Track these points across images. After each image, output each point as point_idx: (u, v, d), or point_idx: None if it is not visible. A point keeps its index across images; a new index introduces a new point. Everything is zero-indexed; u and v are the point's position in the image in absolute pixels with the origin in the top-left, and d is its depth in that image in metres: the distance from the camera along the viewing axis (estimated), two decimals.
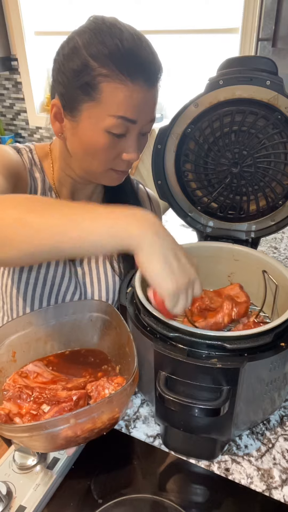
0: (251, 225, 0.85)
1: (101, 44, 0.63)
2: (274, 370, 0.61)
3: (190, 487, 0.66)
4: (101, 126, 0.67)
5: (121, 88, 0.64)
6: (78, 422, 0.52)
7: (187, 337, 0.60)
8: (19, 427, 0.54)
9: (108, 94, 0.64)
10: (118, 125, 0.67)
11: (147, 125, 0.71)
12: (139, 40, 0.65)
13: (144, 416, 0.77)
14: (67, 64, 0.67)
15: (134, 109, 0.66)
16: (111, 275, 0.87)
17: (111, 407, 0.55)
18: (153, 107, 0.71)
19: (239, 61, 0.72)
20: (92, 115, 0.67)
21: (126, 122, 0.67)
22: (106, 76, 0.63)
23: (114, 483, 0.65)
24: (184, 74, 1.94)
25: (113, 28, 0.64)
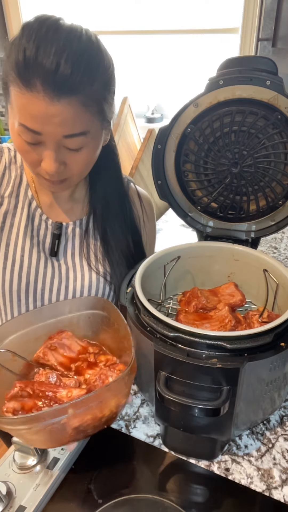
0: (251, 225, 0.85)
1: (18, 45, 0.60)
2: (274, 370, 0.61)
3: (190, 487, 0.66)
4: (14, 129, 0.66)
5: (20, 96, 0.61)
6: (76, 412, 0.52)
7: (187, 337, 0.60)
8: (18, 419, 0.54)
9: (13, 99, 0.63)
10: (23, 132, 0.64)
11: (66, 140, 0.64)
12: (49, 50, 0.58)
13: (144, 416, 0.77)
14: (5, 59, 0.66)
15: (33, 119, 0.62)
16: (94, 273, 0.87)
17: (110, 396, 0.55)
18: (64, 123, 0.62)
19: (239, 61, 0.72)
20: (10, 116, 0.67)
21: (29, 131, 0.63)
22: (12, 81, 0.62)
23: (114, 483, 0.65)
24: (184, 74, 1.94)
25: (31, 32, 0.60)
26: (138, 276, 0.73)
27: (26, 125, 0.63)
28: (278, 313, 0.76)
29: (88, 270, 0.87)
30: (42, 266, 0.84)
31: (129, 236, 0.89)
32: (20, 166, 0.84)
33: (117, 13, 1.90)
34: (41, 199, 0.85)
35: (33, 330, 0.72)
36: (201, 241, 0.89)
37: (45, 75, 0.58)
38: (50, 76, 0.58)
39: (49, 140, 0.64)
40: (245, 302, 0.81)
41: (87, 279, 0.86)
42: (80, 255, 0.87)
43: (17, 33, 0.62)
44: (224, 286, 0.83)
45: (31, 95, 0.60)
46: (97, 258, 0.87)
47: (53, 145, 0.65)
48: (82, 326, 0.75)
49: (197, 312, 0.77)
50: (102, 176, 0.86)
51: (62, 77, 0.58)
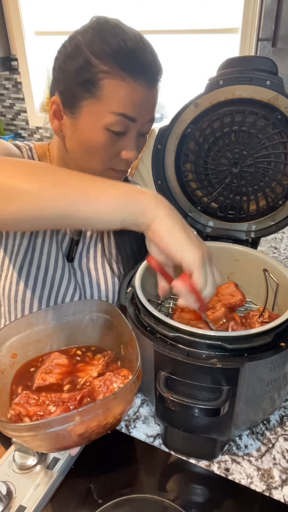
0: (251, 225, 0.85)
1: (103, 42, 0.64)
2: (274, 370, 0.61)
3: (190, 487, 0.66)
4: (101, 123, 0.67)
5: (122, 85, 0.65)
6: (83, 419, 0.51)
7: (187, 337, 0.60)
8: (24, 426, 0.54)
9: (109, 91, 0.65)
10: (118, 122, 0.67)
11: (146, 125, 0.72)
12: (141, 41, 0.67)
13: (144, 416, 0.77)
14: (68, 62, 0.68)
15: (134, 107, 0.67)
16: (110, 276, 0.87)
17: (117, 403, 0.55)
18: (153, 107, 0.72)
19: (239, 61, 0.72)
20: (92, 112, 0.67)
21: (126, 119, 0.68)
22: (108, 73, 0.64)
23: (114, 483, 0.65)
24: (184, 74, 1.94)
25: (116, 28, 0.66)
26: (138, 276, 0.73)
27: (126, 113, 0.67)
28: (278, 313, 0.76)
29: (103, 274, 0.87)
30: (60, 272, 0.83)
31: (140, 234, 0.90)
32: None
33: (117, 13, 1.90)
34: None
35: (36, 332, 0.72)
36: None
37: (147, 67, 0.67)
38: (150, 68, 0.67)
39: (136, 127, 0.70)
40: (245, 302, 0.81)
41: (103, 283, 0.86)
42: (95, 259, 0.87)
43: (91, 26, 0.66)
44: (224, 285, 0.83)
45: (135, 84, 0.66)
46: (112, 257, 0.87)
47: (136, 133, 0.71)
48: (86, 328, 0.75)
49: (195, 312, 0.77)
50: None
51: (156, 69, 0.69)
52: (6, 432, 0.53)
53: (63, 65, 0.69)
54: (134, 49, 0.65)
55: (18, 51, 2.49)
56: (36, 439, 0.53)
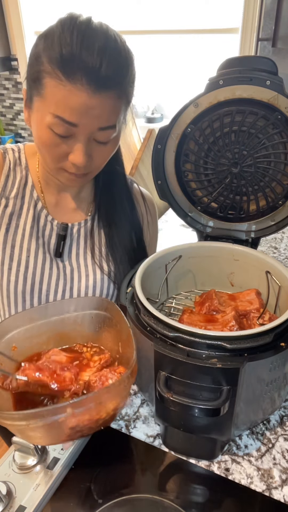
0: (251, 225, 0.85)
1: (54, 40, 0.63)
2: (274, 370, 0.61)
3: (190, 487, 0.66)
4: (44, 122, 0.66)
5: (59, 88, 0.63)
6: (75, 412, 0.52)
7: (187, 337, 0.60)
8: (17, 415, 0.54)
9: (49, 91, 0.64)
10: (57, 124, 0.65)
11: (98, 133, 0.68)
12: (92, 40, 0.62)
13: (144, 416, 0.77)
14: (31, 54, 0.68)
15: (73, 111, 0.64)
16: (99, 272, 0.87)
17: (109, 397, 0.55)
18: (102, 114, 0.66)
19: (239, 61, 0.72)
20: (39, 109, 0.67)
21: (65, 123, 0.65)
22: (49, 73, 0.63)
23: (114, 483, 0.65)
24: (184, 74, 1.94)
25: (71, 27, 0.63)
26: (138, 276, 0.73)
27: (64, 117, 0.64)
28: (280, 315, 0.76)
29: (92, 270, 0.87)
30: (48, 267, 0.84)
31: (132, 232, 0.90)
32: (25, 167, 0.84)
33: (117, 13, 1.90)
34: (47, 200, 0.85)
35: (37, 326, 0.72)
36: (201, 241, 0.89)
37: (89, 70, 0.61)
38: (93, 72, 0.62)
39: (83, 133, 0.66)
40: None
41: (92, 279, 0.86)
42: (84, 255, 0.87)
43: (53, 27, 0.65)
44: (246, 292, 0.82)
45: (73, 87, 0.62)
46: (101, 255, 0.87)
47: (85, 138, 0.67)
48: (85, 325, 0.75)
49: (208, 314, 0.77)
50: (108, 174, 0.86)
51: (104, 73, 0.62)
52: (1, 421, 0.53)
53: (29, 57, 0.69)
54: (78, 52, 0.61)
55: (18, 51, 2.49)
56: (29, 429, 0.53)
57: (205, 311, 0.78)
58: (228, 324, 0.70)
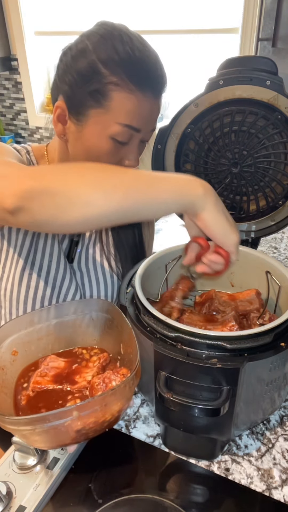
0: (251, 225, 0.85)
1: (112, 50, 0.64)
2: (274, 370, 0.61)
3: (190, 487, 0.66)
4: (106, 132, 0.68)
5: (131, 98, 0.66)
6: (81, 415, 0.52)
7: (187, 337, 0.60)
8: (22, 420, 0.54)
9: (117, 103, 0.66)
10: (123, 132, 0.68)
11: (148, 134, 0.74)
12: (148, 51, 0.67)
13: (144, 416, 0.77)
14: (75, 65, 0.67)
15: (140, 118, 0.68)
16: (109, 275, 0.88)
17: (115, 400, 0.55)
18: (156, 117, 0.73)
19: (239, 61, 0.72)
20: (99, 121, 0.68)
21: (131, 130, 0.69)
22: (117, 84, 0.65)
23: (114, 483, 0.65)
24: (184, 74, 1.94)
25: (124, 36, 0.65)
26: (138, 276, 0.73)
27: (132, 125, 0.68)
28: (281, 315, 0.76)
29: (101, 273, 0.87)
30: (62, 273, 0.84)
31: (135, 230, 0.92)
32: None
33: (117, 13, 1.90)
34: None
35: (37, 330, 0.72)
36: None
37: (155, 79, 0.67)
38: (157, 80, 0.68)
39: (140, 136, 0.71)
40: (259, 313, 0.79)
41: (102, 282, 0.87)
42: (93, 259, 0.87)
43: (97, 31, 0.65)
44: (246, 292, 0.82)
45: (143, 96, 0.66)
46: (110, 255, 0.88)
47: (138, 141, 0.72)
48: (86, 327, 0.75)
49: (208, 314, 0.77)
50: None
51: (163, 80, 0.69)
52: (5, 426, 0.53)
53: (69, 68, 0.68)
54: (141, 59, 0.65)
55: (18, 51, 2.49)
56: (34, 434, 0.53)
57: (205, 311, 0.78)
58: (228, 324, 0.70)
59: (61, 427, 0.52)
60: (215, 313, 0.77)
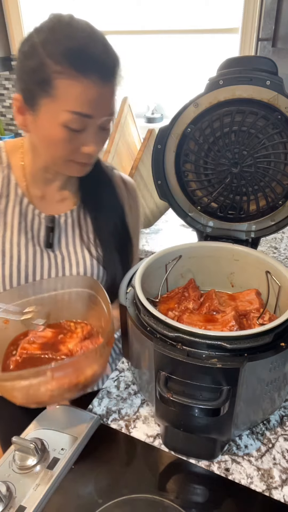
0: (251, 225, 0.85)
1: (56, 41, 0.66)
2: (274, 370, 0.61)
3: (190, 487, 0.66)
4: (57, 120, 0.69)
5: (75, 85, 0.66)
6: (55, 375, 0.57)
7: (187, 337, 0.60)
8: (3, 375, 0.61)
9: (62, 90, 0.67)
10: (74, 120, 0.69)
11: (105, 120, 0.73)
12: (92, 37, 0.67)
13: (144, 416, 0.77)
14: (25, 61, 0.70)
15: (89, 104, 0.68)
16: (88, 259, 0.89)
17: (87, 364, 0.61)
18: (110, 102, 0.72)
19: (239, 61, 0.72)
20: (49, 110, 0.69)
21: (82, 117, 0.69)
22: (60, 73, 0.66)
23: (114, 483, 0.65)
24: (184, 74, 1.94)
25: (68, 26, 0.67)
26: (138, 276, 0.73)
27: (81, 111, 0.68)
28: (280, 315, 0.76)
29: (82, 257, 0.89)
30: (39, 259, 0.86)
31: (116, 216, 0.93)
32: (7, 166, 0.85)
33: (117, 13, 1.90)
34: (32, 195, 0.87)
35: (27, 303, 0.76)
36: (201, 241, 0.89)
37: (100, 63, 0.67)
38: (103, 64, 0.67)
39: (95, 123, 0.71)
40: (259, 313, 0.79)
41: (82, 266, 0.88)
42: (73, 243, 0.89)
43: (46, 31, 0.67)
44: (246, 292, 0.82)
45: (88, 81, 0.66)
46: (90, 241, 0.90)
47: (96, 128, 0.72)
48: (71, 302, 0.80)
49: (208, 314, 0.77)
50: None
51: (111, 64, 0.69)
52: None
53: (21, 64, 0.71)
54: (85, 47, 0.66)
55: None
56: (15, 390, 0.59)
57: (205, 311, 0.78)
58: (228, 324, 0.70)
59: (36, 386, 0.57)
60: (215, 313, 0.77)
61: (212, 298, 0.79)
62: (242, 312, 0.77)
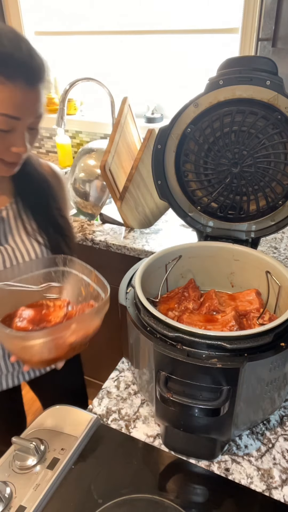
0: (251, 225, 0.85)
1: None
2: (274, 370, 0.61)
3: (190, 487, 0.66)
4: None
5: (2, 89, 0.70)
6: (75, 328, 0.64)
7: (187, 337, 0.60)
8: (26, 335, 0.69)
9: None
10: (2, 121, 0.72)
11: (34, 121, 0.77)
12: (17, 43, 0.71)
13: (144, 416, 0.77)
14: None
15: (16, 107, 0.72)
16: (37, 245, 0.92)
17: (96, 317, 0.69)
18: (37, 104, 0.76)
19: (239, 61, 0.72)
20: None
21: (9, 119, 0.72)
22: None
23: (114, 483, 0.65)
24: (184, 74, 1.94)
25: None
26: (138, 276, 0.73)
27: (8, 114, 0.72)
28: (280, 315, 0.76)
29: (31, 246, 0.92)
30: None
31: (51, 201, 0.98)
32: None
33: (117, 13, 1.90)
34: None
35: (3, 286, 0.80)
36: (201, 241, 0.89)
37: (25, 69, 0.70)
38: (29, 69, 0.71)
39: (23, 124, 0.75)
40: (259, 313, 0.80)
41: (33, 253, 0.91)
42: (19, 234, 0.92)
43: None
44: (246, 292, 0.82)
45: (14, 86, 0.70)
46: (34, 229, 0.93)
47: (24, 129, 0.75)
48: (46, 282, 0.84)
49: (208, 314, 0.77)
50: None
51: (36, 69, 0.72)
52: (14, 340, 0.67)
53: None
54: (9, 53, 0.69)
55: None
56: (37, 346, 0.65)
57: (205, 311, 0.78)
58: (228, 324, 0.70)
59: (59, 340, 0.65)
60: (215, 313, 0.77)
61: (212, 298, 0.79)
62: (242, 312, 0.77)
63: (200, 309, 0.79)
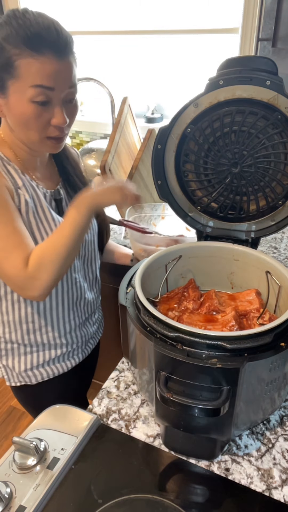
0: (251, 225, 0.85)
1: (10, 28, 0.75)
2: (274, 370, 0.61)
3: (190, 487, 0.66)
4: (25, 97, 0.77)
5: (33, 62, 0.75)
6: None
7: (187, 337, 0.60)
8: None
9: (24, 69, 0.76)
10: (38, 93, 0.77)
11: (68, 92, 0.81)
12: (43, 21, 0.76)
13: (144, 416, 0.77)
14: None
15: (49, 77, 0.77)
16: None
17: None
18: (69, 75, 0.80)
19: (239, 61, 0.72)
20: (16, 90, 0.78)
21: (44, 89, 0.77)
22: (19, 54, 0.75)
23: (114, 483, 0.65)
24: (184, 74, 1.94)
25: (22, 16, 0.76)
26: (138, 276, 0.73)
27: (43, 84, 0.77)
28: (280, 315, 0.76)
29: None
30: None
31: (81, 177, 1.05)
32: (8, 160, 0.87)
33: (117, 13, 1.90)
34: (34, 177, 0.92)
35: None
36: (201, 241, 0.89)
37: (52, 43, 0.76)
38: (55, 43, 0.76)
39: (58, 95, 0.79)
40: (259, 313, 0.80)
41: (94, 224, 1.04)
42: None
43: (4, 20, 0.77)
44: (246, 292, 0.82)
45: (44, 58, 0.75)
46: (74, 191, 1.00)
47: (60, 100, 0.80)
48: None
49: (208, 314, 0.77)
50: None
51: (62, 43, 0.77)
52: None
53: None
54: (37, 29, 0.75)
55: None
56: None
57: (205, 311, 0.78)
58: (228, 324, 0.70)
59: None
60: (215, 313, 0.77)
61: (212, 298, 0.79)
62: (242, 312, 0.77)
63: (200, 309, 0.79)
